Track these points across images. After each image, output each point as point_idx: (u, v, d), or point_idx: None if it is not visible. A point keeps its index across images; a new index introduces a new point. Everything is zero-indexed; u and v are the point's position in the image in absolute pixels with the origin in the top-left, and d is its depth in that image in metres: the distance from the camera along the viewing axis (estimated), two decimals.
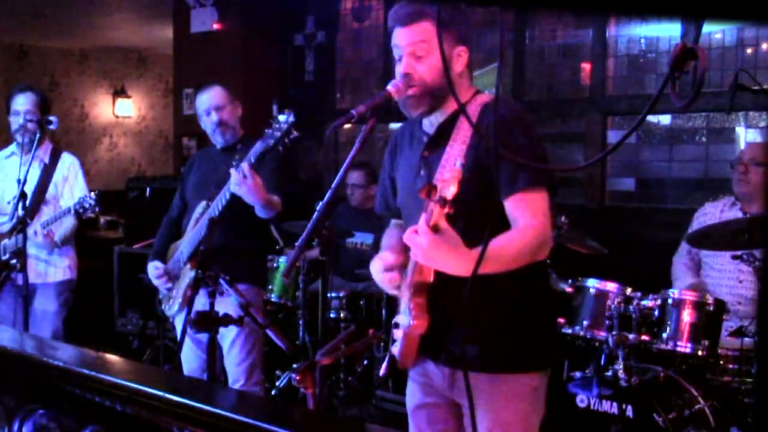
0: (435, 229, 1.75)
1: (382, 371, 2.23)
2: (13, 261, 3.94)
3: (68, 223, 4.05)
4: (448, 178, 1.71)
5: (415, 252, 1.86)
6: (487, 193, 2.00)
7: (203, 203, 3.41)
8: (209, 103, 3.49)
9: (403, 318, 2.08)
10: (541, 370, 2.17)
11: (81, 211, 3.76)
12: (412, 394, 2.30)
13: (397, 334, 2.12)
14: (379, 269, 2.13)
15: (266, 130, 3.08)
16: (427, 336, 2.08)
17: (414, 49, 2.09)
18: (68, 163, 4.22)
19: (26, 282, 3.85)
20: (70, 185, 4.17)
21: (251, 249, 3.53)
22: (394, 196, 2.35)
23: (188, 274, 3.34)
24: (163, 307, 3.61)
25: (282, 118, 3.04)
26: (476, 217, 2.00)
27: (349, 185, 5.02)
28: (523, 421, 2.13)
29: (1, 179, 4.16)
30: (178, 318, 3.49)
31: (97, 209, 3.77)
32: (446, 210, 1.72)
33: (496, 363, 2.09)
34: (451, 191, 1.70)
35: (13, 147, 4.20)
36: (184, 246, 3.46)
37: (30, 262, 4.05)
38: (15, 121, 4.07)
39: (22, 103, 4.05)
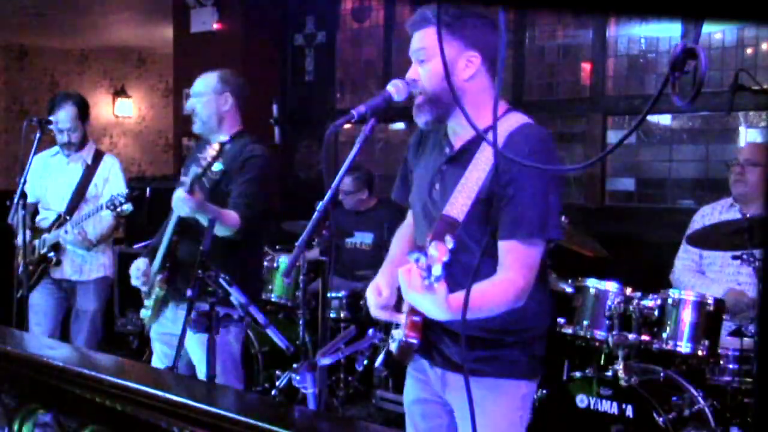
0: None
1: (377, 363, 2.25)
2: (51, 254, 4.12)
3: (105, 221, 4.14)
4: (434, 256, 1.70)
5: (402, 288, 1.87)
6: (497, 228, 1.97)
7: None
8: (192, 89, 3.29)
9: (402, 319, 2.09)
10: (531, 378, 2.17)
11: (111, 208, 3.77)
12: (409, 390, 2.32)
13: (396, 333, 2.13)
14: (373, 304, 2.15)
15: (197, 154, 2.94)
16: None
17: (417, 56, 2.08)
18: (110, 164, 4.32)
19: (26, 278, 3.95)
20: (111, 186, 4.24)
21: (232, 265, 3.03)
22: (410, 189, 2.32)
23: (158, 285, 3.20)
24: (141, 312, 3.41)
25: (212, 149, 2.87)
26: (489, 248, 1.97)
27: (341, 191, 4.97)
28: (509, 428, 2.14)
29: (45, 177, 4.25)
30: (154, 327, 3.34)
31: (128, 206, 3.77)
32: (432, 278, 1.72)
33: (486, 368, 2.09)
34: (436, 269, 1.69)
35: (58, 146, 4.31)
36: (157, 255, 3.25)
37: (67, 257, 4.19)
38: (59, 137, 4.20)
39: (63, 119, 4.13)
